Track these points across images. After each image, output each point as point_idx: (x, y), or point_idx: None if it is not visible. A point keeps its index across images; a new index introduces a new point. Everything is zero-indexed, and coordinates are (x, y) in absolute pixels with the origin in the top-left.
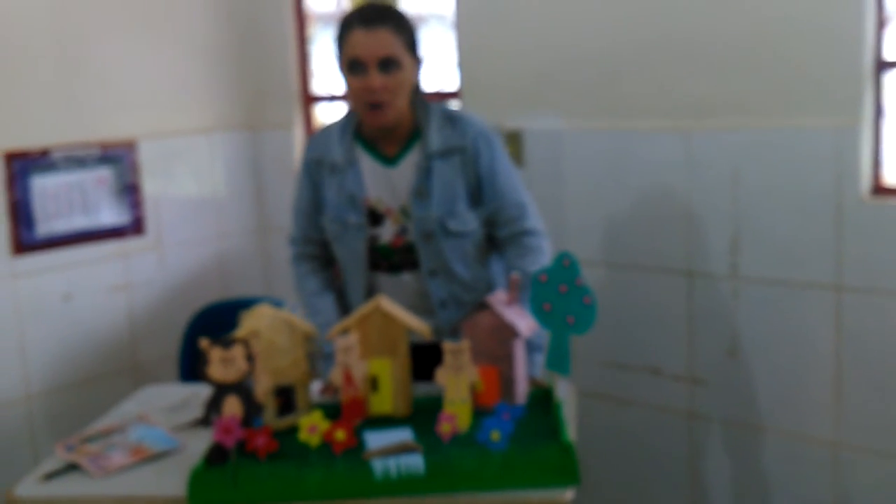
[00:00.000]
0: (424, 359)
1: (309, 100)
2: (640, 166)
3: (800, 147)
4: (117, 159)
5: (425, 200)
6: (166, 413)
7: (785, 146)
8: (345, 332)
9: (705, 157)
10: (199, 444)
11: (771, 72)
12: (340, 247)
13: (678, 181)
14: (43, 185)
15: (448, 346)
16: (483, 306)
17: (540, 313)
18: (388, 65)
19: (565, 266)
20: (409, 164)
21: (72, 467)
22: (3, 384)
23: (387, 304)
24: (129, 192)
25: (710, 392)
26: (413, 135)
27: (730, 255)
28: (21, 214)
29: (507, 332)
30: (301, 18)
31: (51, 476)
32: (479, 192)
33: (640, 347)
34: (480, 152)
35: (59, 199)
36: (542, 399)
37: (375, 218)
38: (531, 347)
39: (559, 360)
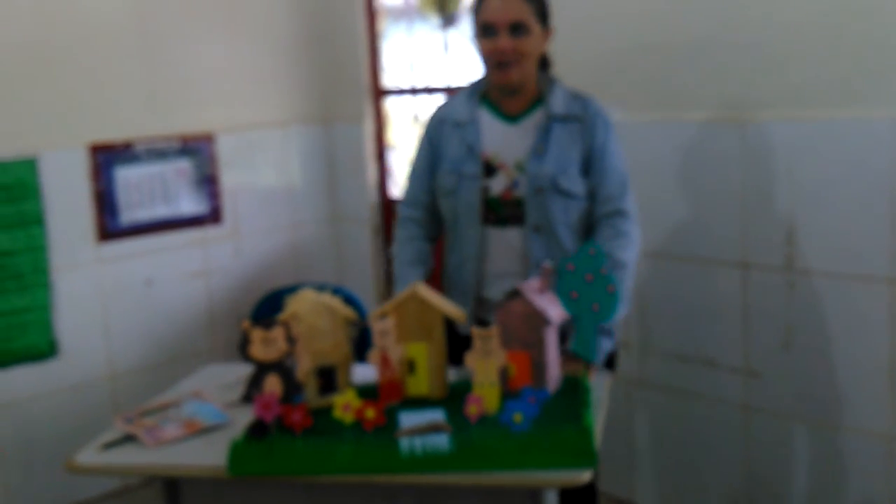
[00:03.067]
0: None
1: (379, 93)
2: (697, 158)
3: (855, 138)
4: (197, 151)
5: (541, 157)
6: (221, 390)
7: (841, 137)
8: (383, 316)
9: (761, 148)
10: (248, 419)
11: (826, 63)
12: (454, 200)
13: (734, 173)
14: (126, 176)
15: (477, 331)
16: (516, 294)
17: (567, 301)
18: (517, 29)
19: (591, 255)
20: (530, 124)
21: (129, 438)
22: (89, 364)
23: (424, 290)
24: (208, 182)
25: (765, 385)
26: (537, 100)
27: (785, 247)
28: (106, 203)
29: (539, 320)
30: (372, 14)
31: (109, 446)
32: (590, 165)
33: (697, 339)
34: (597, 128)
35: (142, 189)
36: (573, 385)
37: (489, 170)
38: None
39: (585, 345)
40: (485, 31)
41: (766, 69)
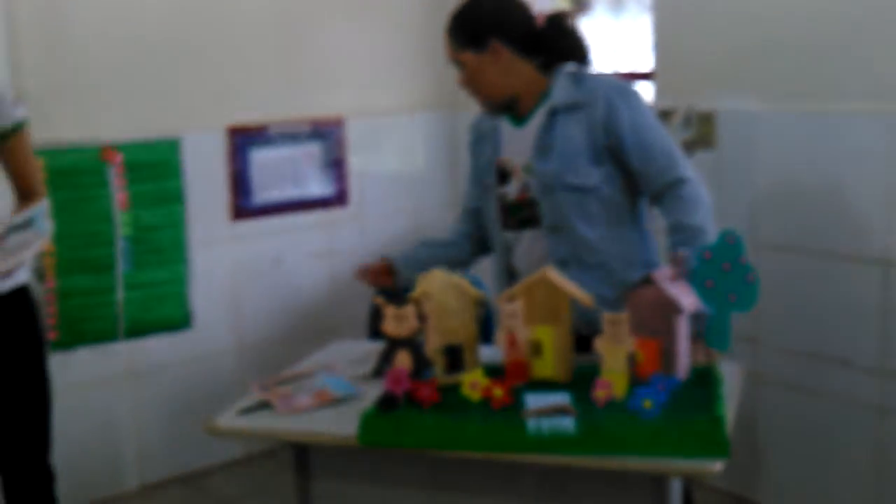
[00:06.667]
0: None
1: None
2: (838, 150)
3: None
4: (326, 135)
5: (547, 155)
6: (350, 364)
7: None
8: (511, 298)
9: None
10: (376, 392)
11: None
12: (485, 209)
13: (878, 166)
14: (260, 158)
15: (608, 316)
16: (648, 281)
17: (702, 290)
18: (457, 65)
19: (729, 244)
20: (536, 122)
21: (264, 405)
22: (219, 335)
23: (553, 274)
24: (336, 166)
25: None
26: (543, 97)
27: None
28: (240, 183)
29: (670, 308)
30: None
31: (246, 411)
32: (616, 147)
33: (831, 337)
34: (616, 108)
35: (274, 170)
36: (704, 375)
37: (504, 176)
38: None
39: (720, 336)
40: None
41: None
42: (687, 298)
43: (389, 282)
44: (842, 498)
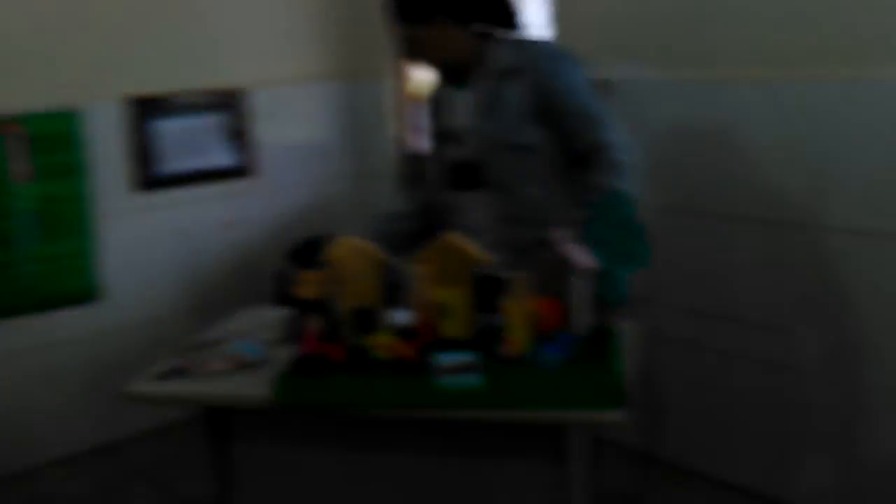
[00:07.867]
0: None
1: None
2: (724, 116)
3: (882, 98)
4: (229, 106)
5: (490, 116)
6: (262, 330)
7: (867, 97)
8: (420, 262)
9: (788, 107)
10: (289, 356)
11: (855, 21)
12: (431, 171)
13: (760, 131)
14: (162, 129)
15: (511, 276)
16: (547, 241)
17: (597, 248)
18: (404, 41)
19: (621, 203)
20: (479, 86)
21: (178, 371)
22: (128, 307)
23: (455, 238)
24: (239, 136)
25: (788, 341)
26: (482, 62)
27: (808, 205)
28: (143, 155)
29: (568, 267)
30: None
31: (161, 377)
32: (550, 109)
33: (717, 295)
34: (547, 71)
35: (176, 141)
36: (602, 331)
37: (450, 138)
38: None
39: (615, 293)
40: None
41: (794, 27)
42: (584, 257)
43: None
44: (744, 452)
